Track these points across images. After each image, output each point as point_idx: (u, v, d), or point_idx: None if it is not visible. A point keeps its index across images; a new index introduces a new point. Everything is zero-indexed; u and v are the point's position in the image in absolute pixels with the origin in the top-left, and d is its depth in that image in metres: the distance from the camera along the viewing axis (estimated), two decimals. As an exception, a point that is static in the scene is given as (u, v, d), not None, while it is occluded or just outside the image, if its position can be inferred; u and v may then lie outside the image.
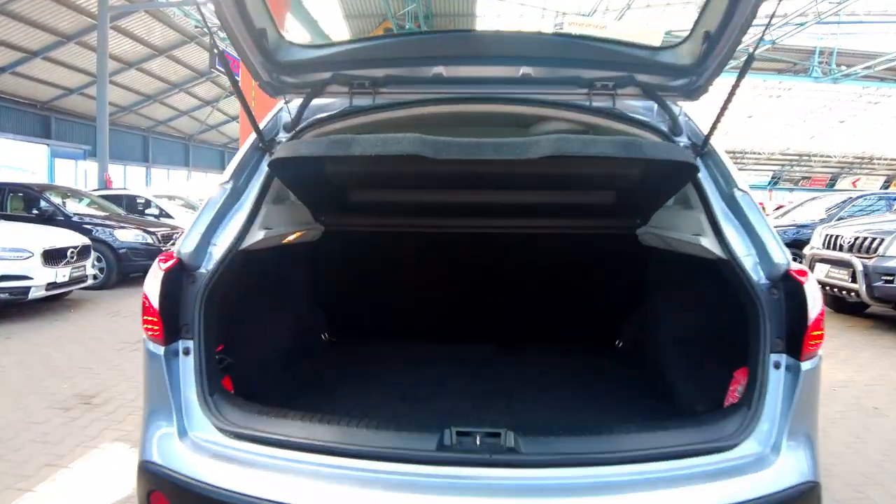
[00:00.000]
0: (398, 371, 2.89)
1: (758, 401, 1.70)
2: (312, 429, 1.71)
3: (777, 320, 1.74)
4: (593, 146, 1.82)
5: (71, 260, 7.32)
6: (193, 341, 1.80)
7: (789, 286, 1.75)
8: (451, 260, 3.32)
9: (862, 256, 6.47)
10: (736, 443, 1.63)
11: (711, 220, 2.03)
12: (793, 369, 1.71)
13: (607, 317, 3.29)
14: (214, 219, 1.98)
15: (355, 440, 1.64)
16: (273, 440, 1.64)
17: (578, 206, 2.88)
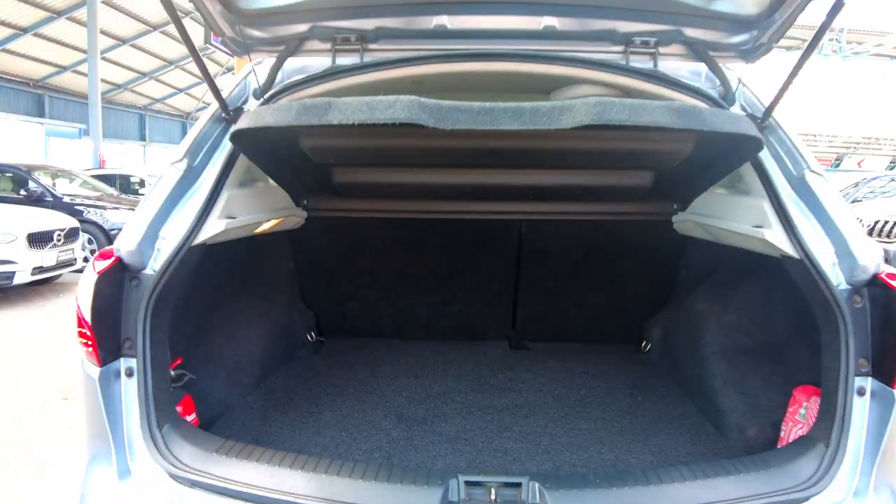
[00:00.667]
0: (395, 381, 2.56)
1: (839, 436, 1.38)
2: (284, 476, 1.38)
3: (862, 335, 1.41)
4: (644, 113, 1.41)
5: (58, 243, 6.99)
6: (137, 359, 1.47)
7: (877, 293, 1.41)
8: (454, 249, 2.95)
9: (882, 241, 6.19)
10: (814, 491, 1.32)
11: (778, 208, 1.68)
12: (881, 397, 1.38)
13: (633, 316, 2.94)
14: (164, 207, 1.63)
15: (337, 494, 1.32)
16: (234, 492, 1.32)
17: (607, 188, 2.44)
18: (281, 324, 2.70)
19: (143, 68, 24.83)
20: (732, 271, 2.29)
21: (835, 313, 1.45)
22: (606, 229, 2.80)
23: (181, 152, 1.75)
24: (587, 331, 3.05)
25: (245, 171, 2.00)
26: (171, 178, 1.67)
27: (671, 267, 2.82)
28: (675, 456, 1.91)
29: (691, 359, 2.37)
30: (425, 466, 1.83)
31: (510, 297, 3.02)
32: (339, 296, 3.01)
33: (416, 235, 2.90)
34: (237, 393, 2.24)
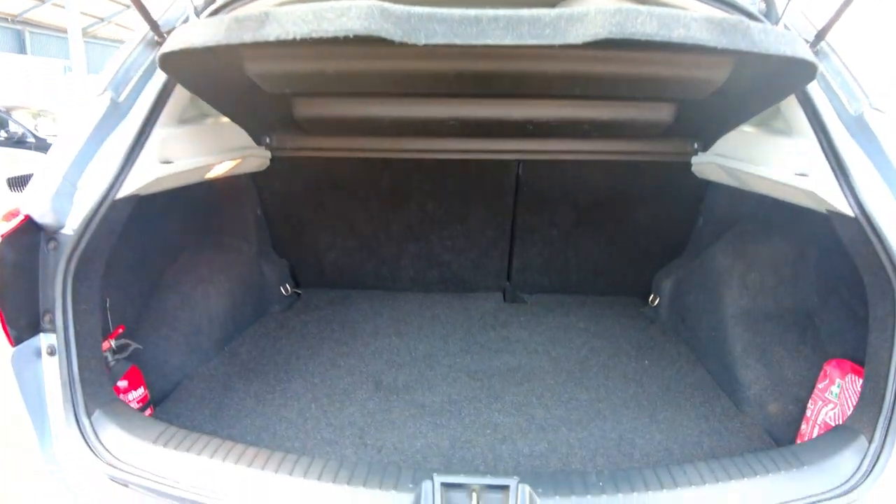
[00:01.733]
0: (375, 341, 2.34)
1: (887, 430, 1.17)
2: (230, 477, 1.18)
3: None
4: (677, 26, 1.09)
5: (39, 187, 6.71)
6: (58, 335, 1.26)
7: None
8: (442, 193, 2.64)
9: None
10: (853, 498, 1.13)
11: (829, 152, 1.39)
12: None
13: (642, 267, 2.70)
14: (83, 151, 1.35)
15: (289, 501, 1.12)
16: (171, 496, 1.13)
17: (620, 123, 2.06)
18: (248, 278, 2.45)
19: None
20: (760, 223, 2.03)
21: (891, 283, 1.21)
22: (616, 171, 2.48)
23: (102, 84, 1.44)
24: (590, 282, 2.80)
25: (190, 106, 1.71)
26: (91, 116, 1.39)
27: (688, 214, 2.54)
28: (686, 435, 1.71)
29: (707, 321, 2.14)
30: (399, 451, 1.64)
31: (505, 246, 2.75)
32: (315, 245, 2.74)
33: (399, 177, 2.58)
34: (195, 360, 2.02)
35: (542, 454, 1.64)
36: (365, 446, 1.67)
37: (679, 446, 1.66)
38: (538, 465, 1.60)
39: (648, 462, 1.60)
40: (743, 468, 1.19)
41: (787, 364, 1.75)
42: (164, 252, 1.96)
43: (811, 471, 1.17)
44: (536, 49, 1.10)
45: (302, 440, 1.69)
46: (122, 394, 1.59)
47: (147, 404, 1.69)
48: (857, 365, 1.49)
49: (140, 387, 1.65)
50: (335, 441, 1.69)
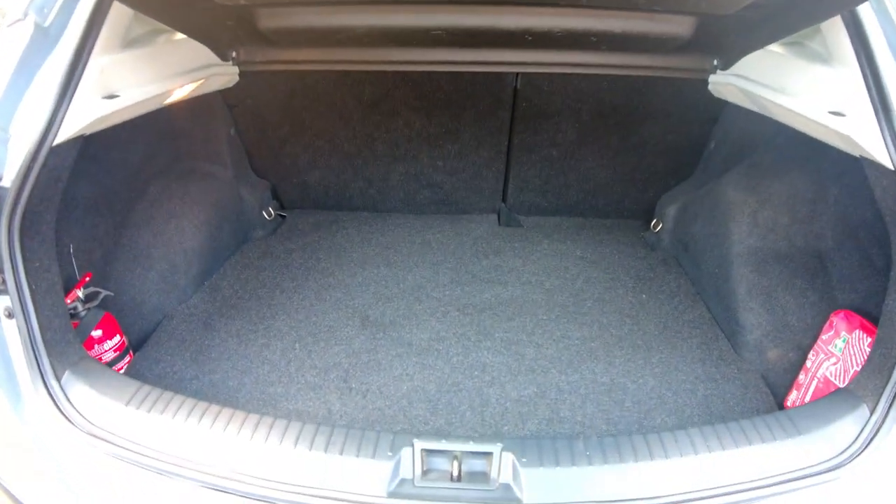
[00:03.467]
0: (363, 271, 2.24)
1: (891, 400, 1.11)
2: (203, 442, 1.12)
3: None
4: None
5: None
6: (12, 297, 1.16)
7: None
8: (432, 108, 2.41)
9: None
10: (848, 462, 1.08)
11: (875, 88, 1.19)
12: None
13: (646, 189, 2.55)
14: (10, 91, 1.18)
15: (262, 471, 1.07)
16: (143, 463, 1.08)
17: (632, 36, 1.81)
18: (226, 204, 2.31)
19: None
20: (778, 154, 1.87)
21: None
22: (623, 84, 2.26)
23: (23, 4, 1.22)
24: (590, 204, 2.66)
25: (134, 25, 1.49)
26: (13, 47, 1.20)
27: (700, 135, 2.35)
28: (680, 381, 1.67)
29: (712, 255, 2.04)
30: (379, 422, 1.57)
31: (501, 164, 2.57)
32: (297, 164, 2.56)
33: (382, 90, 2.35)
34: (174, 298, 1.95)
35: (529, 399, 1.61)
36: (349, 391, 1.64)
37: (672, 393, 1.62)
38: (526, 412, 1.57)
39: (641, 411, 1.57)
40: (737, 435, 1.14)
41: (793, 310, 1.67)
42: (130, 185, 1.82)
43: (807, 439, 1.12)
44: None
45: (285, 384, 1.65)
46: (98, 343, 1.53)
47: (125, 351, 1.64)
48: (867, 321, 1.41)
49: (116, 335, 1.59)
50: (319, 385, 1.65)
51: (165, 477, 1.08)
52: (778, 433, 1.14)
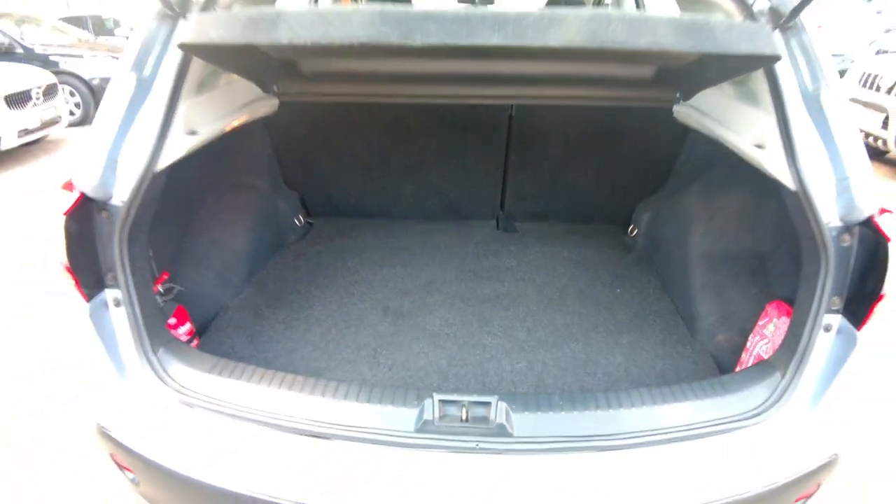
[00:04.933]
0: (382, 270, 2.62)
1: (796, 368, 1.45)
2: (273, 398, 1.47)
3: (841, 274, 1.41)
4: (645, 33, 1.26)
5: (38, 101, 6.74)
6: (122, 290, 1.50)
7: (867, 235, 1.38)
8: (439, 132, 2.85)
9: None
10: (762, 418, 1.42)
11: (784, 129, 1.54)
12: (846, 336, 1.42)
13: (624, 199, 2.95)
14: (119, 130, 1.51)
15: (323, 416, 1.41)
16: (227, 413, 1.43)
17: (606, 78, 2.32)
18: (266, 213, 2.72)
19: None
20: (728, 174, 2.24)
21: (818, 248, 1.44)
22: (602, 113, 2.68)
23: (128, 63, 1.58)
24: (577, 211, 3.08)
25: (203, 73, 1.83)
26: (121, 97, 1.54)
27: (670, 153, 2.76)
28: (643, 358, 2.04)
29: (675, 256, 2.42)
30: (406, 374, 1.96)
31: (499, 177, 3.00)
32: (323, 178, 2.98)
33: (398, 118, 2.79)
34: (229, 293, 2.31)
35: (521, 371, 1.98)
36: (378, 364, 2.01)
37: (637, 367, 1.99)
38: (518, 380, 1.93)
39: (609, 380, 1.93)
40: (678, 394, 1.49)
41: (737, 301, 2.04)
42: (192, 200, 2.18)
43: (732, 398, 1.47)
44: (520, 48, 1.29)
45: (326, 360, 2.02)
46: (173, 329, 1.88)
47: (193, 336, 2.00)
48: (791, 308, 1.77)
49: (186, 322, 1.95)
50: (353, 360, 2.02)
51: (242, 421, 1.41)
52: (711, 393, 1.50)
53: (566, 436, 1.37)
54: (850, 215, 1.38)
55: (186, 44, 1.46)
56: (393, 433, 1.36)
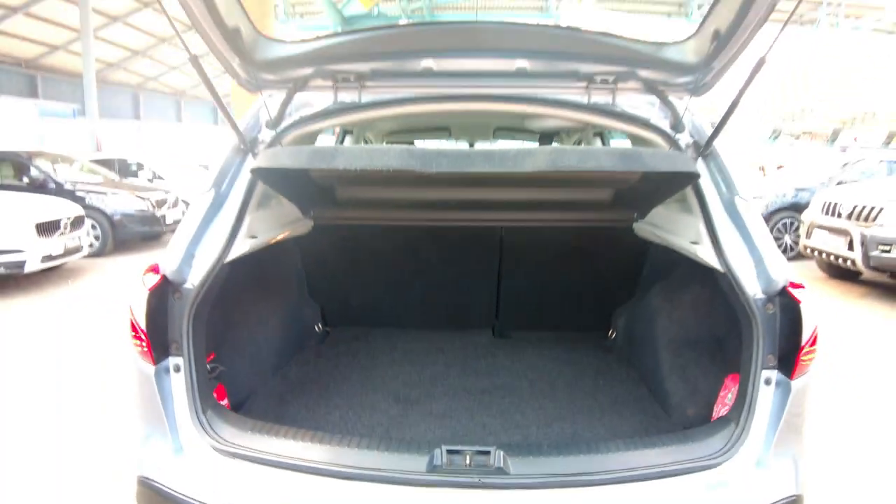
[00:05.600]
0: (392, 367, 2.89)
1: (746, 417, 1.69)
2: (305, 448, 1.70)
3: (771, 336, 1.70)
4: (590, 159, 1.74)
5: (65, 231, 7.26)
6: (183, 358, 1.77)
7: (785, 302, 1.70)
8: (444, 252, 3.28)
9: (860, 225, 6.44)
10: (722, 460, 1.63)
11: (710, 228, 1.95)
12: (783, 386, 1.69)
13: (601, 308, 3.28)
14: (198, 231, 1.91)
15: (347, 461, 1.64)
16: (266, 461, 1.65)
17: (573, 201, 2.85)
18: (293, 317, 3.05)
19: (136, 46, 24.71)
20: (684, 274, 2.59)
21: (750, 318, 1.74)
22: (577, 233, 3.14)
23: (209, 183, 2.05)
24: (562, 320, 3.41)
25: (262, 193, 2.27)
26: (202, 206, 1.97)
27: (635, 265, 3.15)
28: (623, 431, 2.23)
29: (647, 348, 2.70)
30: (416, 439, 2.16)
31: (493, 292, 3.38)
32: (342, 292, 3.37)
33: (410, 239, 3.26)
34: (258, 380, 2.55)
35: (516, 443, 2.16)
36: (391, 440, 2.19)
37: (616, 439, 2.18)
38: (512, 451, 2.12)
39: None
40: (648, 443, 1.73)
41: (701, 379, 2.27)
42: (237, 297, 2.49)
43: (695, 445, 1.70)
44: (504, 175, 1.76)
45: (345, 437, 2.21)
46: (211, 402, 2.11)
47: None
48: (741, 375, 2.03)
49: (224, 399, 2.16)
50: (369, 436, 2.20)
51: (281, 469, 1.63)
52: (677, 442, 1.74)
53: (553, 473, 1.59)
54: (770, 288, 1.72)
55: (261, 168, 1.91)
56: (408, 474, 1.59)
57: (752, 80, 1.79)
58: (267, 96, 2.20)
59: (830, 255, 6.91)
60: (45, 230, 6.91)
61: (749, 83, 1.81)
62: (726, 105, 1.89)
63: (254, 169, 1.96)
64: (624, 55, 2.10)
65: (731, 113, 1.89)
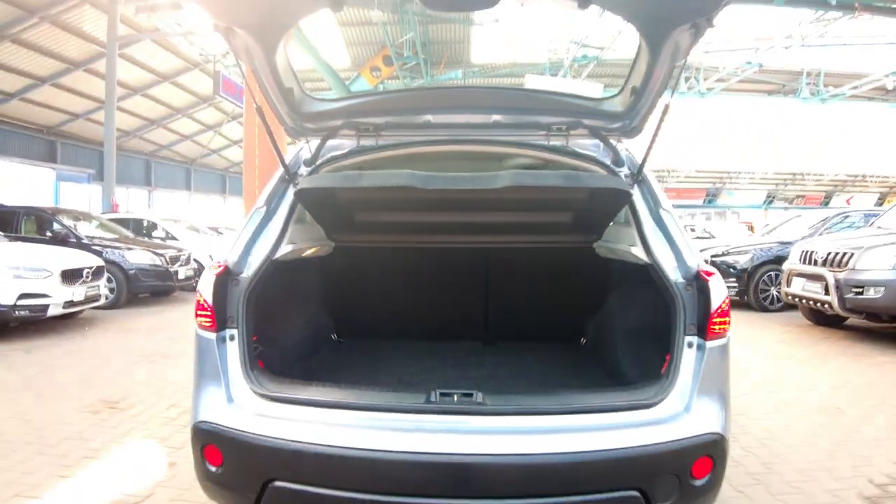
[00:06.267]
0: (396, 365, 3.30)
1: (674, 372, 2.14)
2: (330, 391, 2.15)
3: (691, 310, 2.19)
4: (542, 178, 2.41)
5: (86, 280, 7.70)
6: (237, 330, 2.25)
7: (699, 283, 2.20)
8: (439, 270, 3.80)
9: (834, 270, 6.86)
10: (655, 402, 2.05)
11: (641, 234, 2.49)
12: (700, 347, 2.16)
13: (573, 318, 3.73)
14: (253, 235, 2.47)
15: (365, 399, 2.09)
16: (300, 400, 2.10)
17: (544, 224, 3.44)
18: (313, 325, 3.56)
19: (152, 116, 25.98)
20: (634, 280, 3.04)
21: (675, 297, 2.22)
22: (550, 254, 3.70)
23: (262, 201, 2.64)
24: (541, 331, 3.87)
25: (299, 214, 2.83)
26: (257, 218, 2.56)
27: (600, 280, 3.64)
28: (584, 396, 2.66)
29: (609, 344, 3.17)
30: None
31: (483, 307, 3.87)
32: (354, 306, 3.89)
33: (411, 261, 3.78)
34: (286, 367, 2.95)
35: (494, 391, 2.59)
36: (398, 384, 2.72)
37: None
38: None
39: None
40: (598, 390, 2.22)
41: (651, 358, 2.66)
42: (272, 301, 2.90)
43: (635, 391, 2.16)
44: (483, 190, 2.32)
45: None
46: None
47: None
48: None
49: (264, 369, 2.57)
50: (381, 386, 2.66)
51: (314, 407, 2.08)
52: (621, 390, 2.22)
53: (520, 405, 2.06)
54: (687, 274, 2.24)
55: (304, 188, 2.50)
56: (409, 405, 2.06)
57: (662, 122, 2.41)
58: (304, 141, 2.85)
59: (809, 300, 7.30)
60: (68, 278, 7.35)
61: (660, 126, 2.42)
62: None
63: (298, 190, 2.54)
64: (573, 109, 2.78)
65: (651, 148, 2.49)
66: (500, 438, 1.93)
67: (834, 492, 3.04)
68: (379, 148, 2.77)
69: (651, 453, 1.92)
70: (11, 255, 7.17)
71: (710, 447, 2.00)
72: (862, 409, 4.46)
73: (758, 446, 3.66)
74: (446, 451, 1.90)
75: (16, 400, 4.55)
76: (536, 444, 1.92)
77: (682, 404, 2.06)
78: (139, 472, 3.25)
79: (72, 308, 7.53)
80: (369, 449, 1.91)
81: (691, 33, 2.11)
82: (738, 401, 4.66)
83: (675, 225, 2.43)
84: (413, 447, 1.91)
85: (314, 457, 1.93)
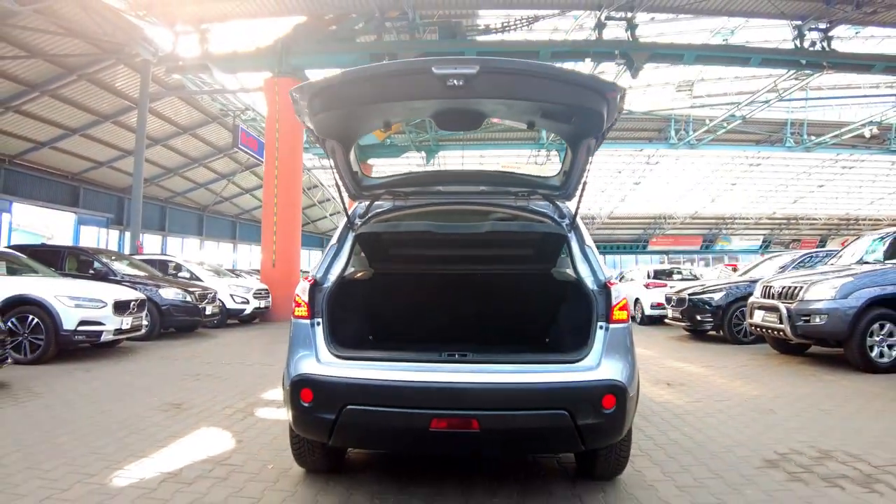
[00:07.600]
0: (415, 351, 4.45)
1: (590, 343, 3.22)
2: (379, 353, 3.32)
3: (601, 306, 3.30)
4: (510, 226, 3.89)
5: (132, 311, 8.74)
6: (322, 319, 3.37)
7: (605, 290, 3.34)
8: (442, 290, 4.91)
9: (786, 302, 7.88)
10: (576, 360, 3.14)
11: (573, 262, 3.67)
12: (606, 328, 3.26)
13: (540, 322, 4.81)
14: (330, 261, 3.67)
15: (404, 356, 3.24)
16: (362, 357, 3.24)
17: (515, 256, 4.67)
18: (359, 328, 4.61)
19: (171, 165, 27.45)
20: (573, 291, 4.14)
21: (592, 299, 3.33)
22: (520, 277, 4.84)
23: (334, 240, 3.86)
24: (519, 338, 4.89)
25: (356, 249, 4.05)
26: (332, 251, 3.75)
27: (558, 294, 4.69)
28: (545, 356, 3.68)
29: (562, 336, 4.25)
30: None
31: (475, 318, 4.93)
32: (384, 316, 4.96)
33: (424, 282, 4.90)
34: None
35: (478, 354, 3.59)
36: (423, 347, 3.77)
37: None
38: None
39: None
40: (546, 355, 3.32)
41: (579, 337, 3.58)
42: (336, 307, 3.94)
43: (567, 355, 3.24)
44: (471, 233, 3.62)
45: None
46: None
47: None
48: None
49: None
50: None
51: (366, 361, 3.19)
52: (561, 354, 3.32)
53: (491, 359, 3.19)
54: (599, 284, 3.38)
55: (363, 233, 3.76)
56: (429, 359, 3.20)
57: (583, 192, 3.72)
58: (358, 203, 4.15)
59: (768, 328, 8.29)
60: (119, 309, 8.39)
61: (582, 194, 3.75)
62: None
63: (357, 234, 3.80)
64: (531, 183, 4.15)
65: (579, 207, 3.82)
66: (482, 376, 3.04)
67: (744, 458, 4.01)
68: (408, 207, 4.09)
69: (573, 388, 3.00)
70: (69, 288, 8.23)
71: (612, 388, 3.03)
72: (792, 410, 5.41)
73: (695, 433, 4.64)
74: (449, 382, 3.00)
75: (94, 403, 5.53)
76: (505, 380, 3.01)
77: (595, 362, 3.14)
78: (215, 446, 4.23)
79: (120, 336, 8.53)
80: (404, 380, 3.01)
81: (594, 141, 3.57)
82: (690, 406, 5.65)
83: (593, 255, 3.65)
84: (430, 380, 3.01)
85: (372, 387, 3.01)
